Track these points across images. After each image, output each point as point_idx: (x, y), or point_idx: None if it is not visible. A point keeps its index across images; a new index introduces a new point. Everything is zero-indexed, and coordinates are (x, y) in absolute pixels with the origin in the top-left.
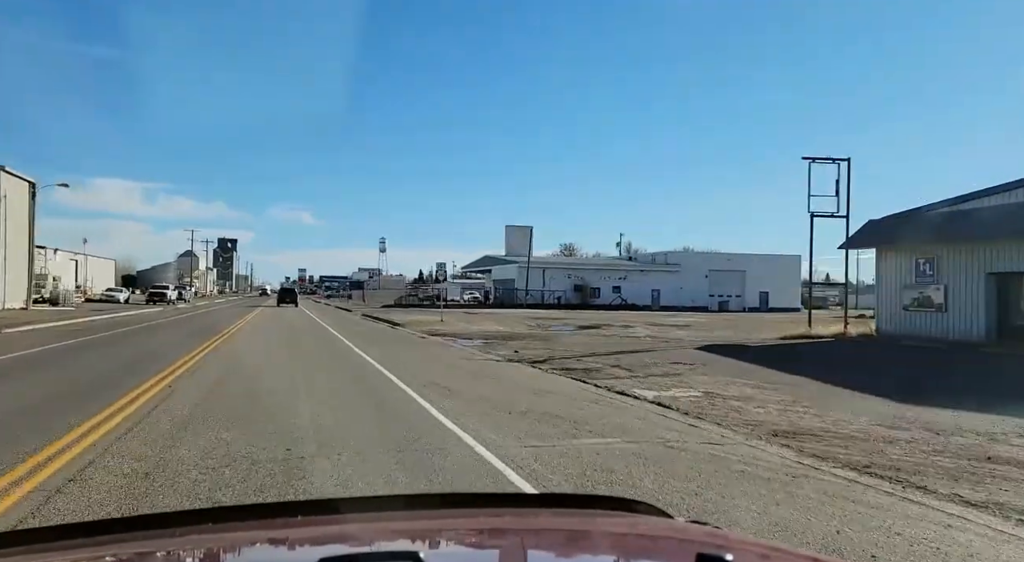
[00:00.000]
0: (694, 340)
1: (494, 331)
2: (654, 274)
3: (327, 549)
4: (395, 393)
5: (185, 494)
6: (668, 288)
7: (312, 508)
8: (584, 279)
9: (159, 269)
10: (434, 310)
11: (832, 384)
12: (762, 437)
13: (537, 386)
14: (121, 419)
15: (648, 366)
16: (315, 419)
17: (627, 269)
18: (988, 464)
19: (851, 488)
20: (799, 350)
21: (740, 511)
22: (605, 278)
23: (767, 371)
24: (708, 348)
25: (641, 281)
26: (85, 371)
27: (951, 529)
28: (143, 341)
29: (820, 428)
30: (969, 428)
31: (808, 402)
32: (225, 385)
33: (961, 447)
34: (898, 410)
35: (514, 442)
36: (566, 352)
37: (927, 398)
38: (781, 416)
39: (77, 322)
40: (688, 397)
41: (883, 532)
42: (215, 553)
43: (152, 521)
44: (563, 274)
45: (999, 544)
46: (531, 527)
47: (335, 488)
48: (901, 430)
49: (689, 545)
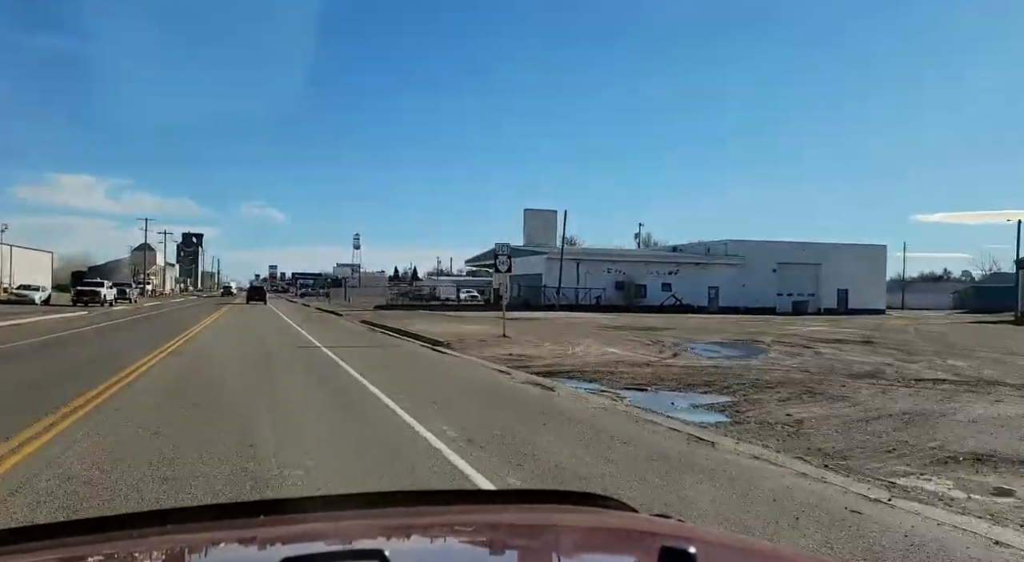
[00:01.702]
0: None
1: (632, 360)
2: (712, 269)
3: (291, 548)
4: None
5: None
6: (728, 285)
7: (276, 507)
8: (627, 274)
9: (111, 265)
10: (450, 314)
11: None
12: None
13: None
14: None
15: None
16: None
17: (678, 262)
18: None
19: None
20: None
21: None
22: (652, 273)
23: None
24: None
25: (695, 277)
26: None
27: None
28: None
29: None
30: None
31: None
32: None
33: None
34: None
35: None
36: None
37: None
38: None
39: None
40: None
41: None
42: (178, 553)
43: (112, 522)
44: (601, 268)
45: None
46: (497, 523)
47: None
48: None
49: (654, 538)
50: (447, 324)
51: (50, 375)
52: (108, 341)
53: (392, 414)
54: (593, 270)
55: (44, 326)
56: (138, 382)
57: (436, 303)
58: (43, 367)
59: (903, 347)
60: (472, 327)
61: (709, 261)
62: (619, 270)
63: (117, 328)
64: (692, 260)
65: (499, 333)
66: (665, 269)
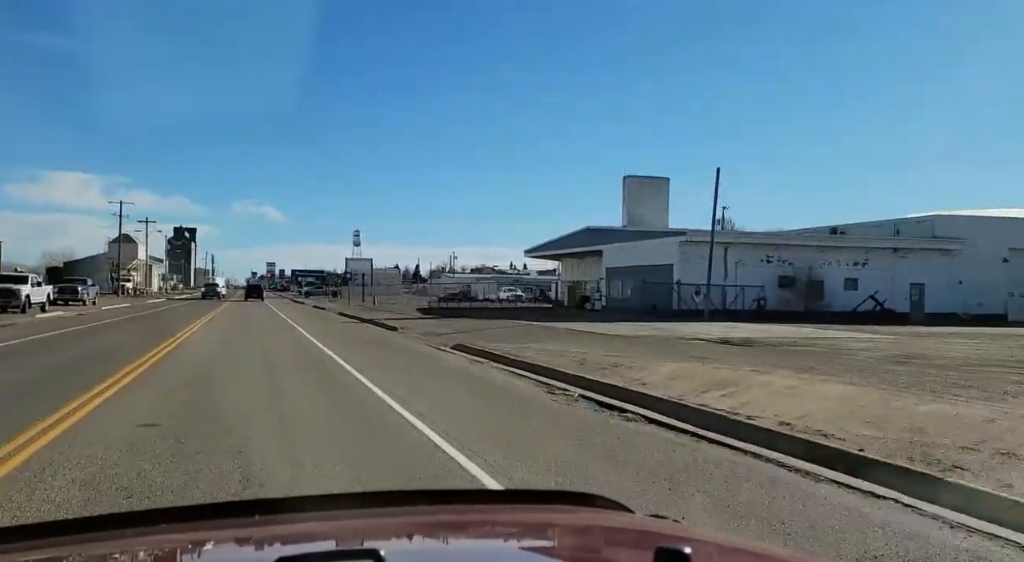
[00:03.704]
0: None
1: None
2: (913, 257)
3: (287, 548)
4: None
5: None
6: (936, 280)
7: (271, 507)
8: (794, 265)
9: (87, 261)
10: (560, 326)
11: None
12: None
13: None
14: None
15: None
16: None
17: (867, 248)
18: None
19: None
20: None
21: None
22: (830, 264)
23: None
24: None
25: (888, 269)
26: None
27: None
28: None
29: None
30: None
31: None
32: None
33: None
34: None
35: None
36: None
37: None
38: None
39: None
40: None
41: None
42: (172, 553)
43: (108, 521)
44: (756, 256)
45: None
46: (493, 522)
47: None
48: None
49: (649, 538)
50: (662, 360)
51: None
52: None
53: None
54: (746, 259)
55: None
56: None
57: (478, 305)
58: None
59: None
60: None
61: (914, 245)
62: (783, 260)
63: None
64: (887, 244)
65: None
66: (849, 257)
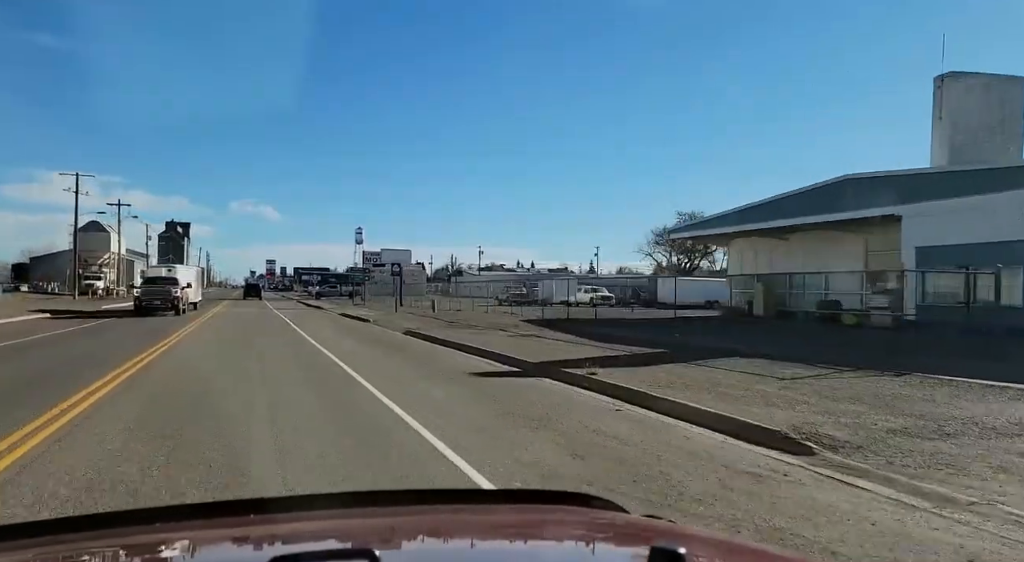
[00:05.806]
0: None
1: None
2: None
3: (282, 548)
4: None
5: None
6: None
7: (267, 506)
8: None
9: (53, 257)
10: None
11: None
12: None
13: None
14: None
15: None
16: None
17: None
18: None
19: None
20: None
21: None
22: None
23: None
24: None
25: None
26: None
27: None
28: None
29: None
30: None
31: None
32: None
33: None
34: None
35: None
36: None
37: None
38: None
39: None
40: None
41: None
42: (168, 552)
43: (102, 520)
44: None
45: None
46: (489, 522)
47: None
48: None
49: (645, 538)
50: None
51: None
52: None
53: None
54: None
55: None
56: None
57: (577, 314)
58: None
59: None
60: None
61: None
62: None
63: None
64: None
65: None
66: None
